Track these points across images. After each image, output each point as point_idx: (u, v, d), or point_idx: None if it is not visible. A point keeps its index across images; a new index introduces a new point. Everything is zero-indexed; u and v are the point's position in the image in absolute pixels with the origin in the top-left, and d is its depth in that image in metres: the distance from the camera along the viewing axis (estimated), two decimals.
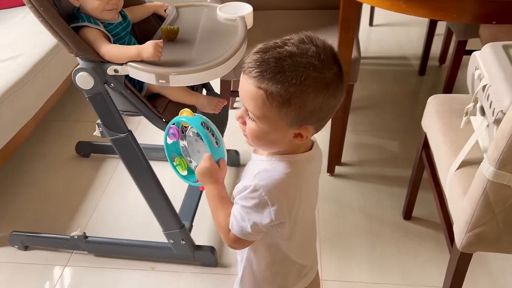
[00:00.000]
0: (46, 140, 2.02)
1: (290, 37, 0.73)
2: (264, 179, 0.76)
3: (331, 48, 0.72)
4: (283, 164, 0.77)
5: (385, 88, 2.36)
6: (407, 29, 2.87)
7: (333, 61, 0.71)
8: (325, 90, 0.70)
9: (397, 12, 1.24)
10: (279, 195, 0.76)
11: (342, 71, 0.73)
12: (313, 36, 0.72)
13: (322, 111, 0.72)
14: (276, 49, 0.71)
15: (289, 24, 1.75)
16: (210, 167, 0.83)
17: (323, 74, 0.69)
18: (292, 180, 0.77)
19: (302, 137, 0.74)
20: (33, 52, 1.79)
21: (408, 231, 1.57)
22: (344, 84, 0.73)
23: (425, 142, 1.40)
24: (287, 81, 0.68)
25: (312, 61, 0.69)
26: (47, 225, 1.60)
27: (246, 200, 0.77)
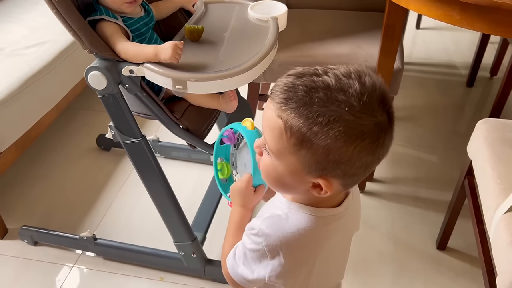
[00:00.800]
0: (68, 128, 1.97)
1: (335, 66, 0.60)
2: (271, 227, 0.64)
3: (382, 91, 0.58)
4: (300, 216, 0.65)
5: (427, 98, 2.19)
6: (457, 35, 2.66)
7: (379, 106, 0.57)
8: (358, 141, 0.56)
9: (450, 24, 1.09)
10: (283, 252, 0.64)
11: (391, 122, 0.59)
12: (363, 71, 0.59)
13: (351, 165, 0.58)
14: (312, 77, 0.58)
15: (329, 25, 1.61)
16: (244, 188, 0.75)
17: (360, 120, 0.56)
18: (306, 239, 0.64)
19: (321, 190, 0.61)
20: (60, 39, 1.74)
21: (440, 263, 1.43)
22: (390, 139, 0.59)
23: (469, 169, 1.25)
24: (312, 117, 0.56)
25: (351, 100, 0.56)
26: (59, 221, 1.55)
27: (248, 239, 0.67)
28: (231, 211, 0.78)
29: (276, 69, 1.46)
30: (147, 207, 1.55)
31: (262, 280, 0.67)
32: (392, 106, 0.60)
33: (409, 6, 1.16)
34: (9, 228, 1.53)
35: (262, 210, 0.73)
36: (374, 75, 0.59)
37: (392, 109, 0.59)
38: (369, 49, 1.45)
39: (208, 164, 1.76)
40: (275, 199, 0.71)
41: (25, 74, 1.56)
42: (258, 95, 1.62)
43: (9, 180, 1.72)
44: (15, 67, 1.58)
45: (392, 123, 0.59)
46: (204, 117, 1.22)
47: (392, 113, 0.59)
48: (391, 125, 0.59)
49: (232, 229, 0.76)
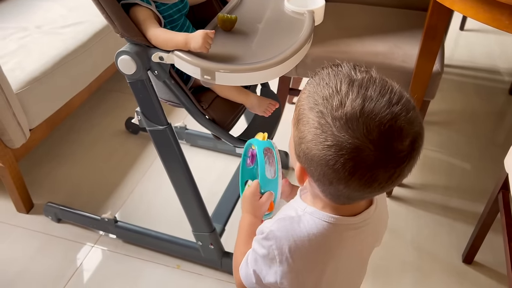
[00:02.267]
0: (98, 110, 1.99)
1: (375, 76, 0.56)
2: (281, 230, 0.62)
3: (403, 128, 0.52)
4: (312, 221, 0.62)
5: (466, 103, 2.10)
6: (503, 39, 2.54)
7: (387, 139, 0.51)
8: (326, 148, 0.53)
9: (498, 28, 1.03)
10: (292, 256, 0.61)
11: (390, 161, 0.53)
12: (404, 98, 0.54)
13: (316, 168, 0.56)
14: (350, 70, 0.57)
15: (366, 21, 1.56)
16: (250, 195, 0.74)
17: (342, 132, 0.52)
18: (316, 245, 0.62)
19: (303, 178, 0.61)
20: (96, 20, 1.75)
21: (465, 277, 1.37)
22: (373, 177, 0.53)
23: (505, 183, 1.19)
24: (313, 100, 0.56)
25: (353, 109, 0.52)
26: (83, 201, 1.57)
27: (258, 245, 0.65)
28: (241, 218, 0.76)
29: (310, 64, 1.43)
30: (169, 194, 1.55)
31: (274, 286, 0.65)
32: (411, 150, 0.53)
33: (454, 7, 1.10)
34: (35, 204, 1.56)
35: (279, 212, 0.70)
36: (413, 112, 0.54)
37: (405, 153, 0.53)
38: (408, 49, 1.39)
39: (233, 155, 1.74)
40: (293, 201, 0.69)
41: (60, 53, 1.58)
42: (288, 89, 1.58)
43: (38, 157, 1.75)
44: (51, 45, 1.60)
45: (393, 163, 0.53)
46: (231, 110, 1.20)
47: (404, 155, 0.53)
48: (387, 164, 0.53)
49: (242, 237, 0.74)
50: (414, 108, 0.54)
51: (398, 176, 0.54)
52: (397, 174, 0.54)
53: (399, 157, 0.53)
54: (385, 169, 0.53)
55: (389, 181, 0.54)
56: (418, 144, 0.54)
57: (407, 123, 0.52)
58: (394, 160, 0.53)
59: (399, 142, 0.52)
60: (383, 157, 0.52)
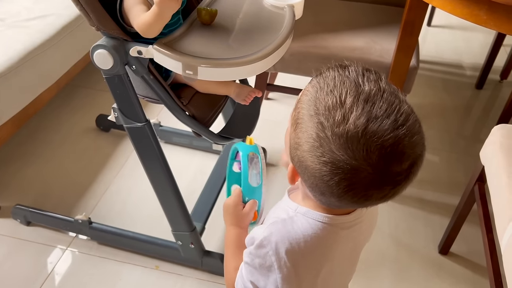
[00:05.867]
0: (68, 107, 1.92)
1: (383, 87, 0.53)
2: (276, 234, 0.60)
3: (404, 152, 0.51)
4: (305, 222, 0.60)
5: (435, 98, 2.15)
6: (468, 35, 2.61)
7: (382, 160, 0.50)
8: (322, 164, 0.51)
9: (476, 24, 1.04)
10: (290, 259, 0.59)
11: (386, 183, 0.52)
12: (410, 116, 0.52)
13: (310, 177, 0.55)
14: (358, 77, 0.53)
15: (344, 17, 1.56)
16: (232, 206, 0.70)
17: (340, 150, 0.50)
18: (312, 246, 0.60)
19: (294, 179, 0.60)
20: (64, 13, 1.67)
21: (442, 268, 1.40)
22: (368, 197, 0.53)
23: (480, 175, 1.22)
24: (314, 105, 0.53)
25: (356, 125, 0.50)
26: (54, 202, 1.51)
27: (250, 258, 0.62)
28: (226, 233, 0.73)
29: (288, 59, 1.42)
30: (145, 192, 1.52)
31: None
32: (409, 173, 0.52)
33: (432, 2, 1.11)
34: (2, 206, 1.48)
35: (267, 216, 0.69)
36: (417, 136, 0.52)
37: (403, 176, 0.52)
38: (385, 44, 1.40)
39: (209, 152, 1.72)
40: (283, 202, 0.67)
41: (26, 47, 1.50)
42: (266, 84, 1.57)
43: (4, 157, 1.67)
44: (15, 39, 1.52)
45: (390, 185, 0.52)
46: (211, 105, 1.17)
47: (401, 178, 0.52)
48: (383, 186, 0.52)
49: (231, 250, 0.71)
50: (419, 130, 0.53)
51: (392, 195, 0.54)
52: (391, 194, 0.54)
53: (396, 180, 0.52)
54: (379, 190, 0.52)
55: (382, 199, 0.54)
56: (417, 167, 0.53)
57: (410, 147, 0.51)
58: (390, 182, 0.52)
59: (398, 165, 0.51)
60: (379, 180, 0.51)
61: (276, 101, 2.01)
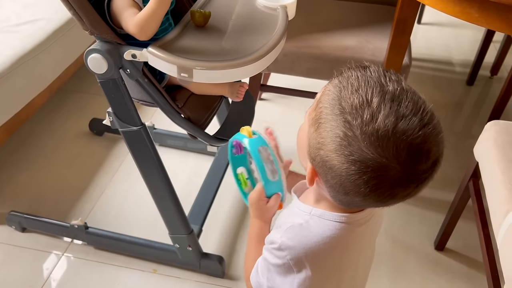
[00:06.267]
0: (60, 111, 1.90)
1: (406, 88, 0.54)
2: (294, 239, 0.60)
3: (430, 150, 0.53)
4: (322, 224, 0.61)
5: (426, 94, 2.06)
6: (458, 32, 2.64)
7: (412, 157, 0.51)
8: (350, 163, 0.51)
9: (467, 21, 1.05)
10: (310, 263, 0.60)
11: (413, 181, 0.53)
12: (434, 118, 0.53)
13: (334, 177, 0.54)
14: (380, 78, 0.53)
15: (336, 16, 1.57)
16: (256, 200, 0.70)
17: (371, 148, 0.50)
18: (332, 247, 0.61)
19: (313, 179, 0.59)
20: (54, 17, 1.66)
21: (438, 264, 1.41)
22: (394, 194, 0.54)
23: (474, 171, 1.23)
24: (338, 105, 0.52)
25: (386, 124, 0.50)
26: (49, 208, 1.49)
27: (270, 254, 0.62)
28: (250, 224, 0.74)
29: (281, 59, 1.42)
30: (141, 195, 1.52)
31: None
32: (432, 171, 0.54)
33: (424, 1, 1.12)
34: None
35: (280, 219, 0.69)
36: (442, 135, 0.54)
37: (427, 174, 0.53)
38: (377, 43, 1.41)
39: (204, 154, 1.71)
40: (294, 206, 0.67)
41: (17, 53, 1.48)
42: (260, 85, 1.57)
43: None
44: (6, 44, 1.50)
45: (414, 183, 0.53)
46: (206, 107, 1.17)
47: (425, 176, 0.53)
48: (409, 184, 0.53)
49: (252, 243, 0.72)
50: (441, 129, 0.54)
51: (414, 194, 0.55)
52: (413, 193, 0.55)
53: (421, 178, 0.53)
54: (405, 188, 0.53)
55: (405, 198, 0.55)
56: (439, 165, 0.55)
57: (435, 145, 0.53)
58: (416, 180, 0.53)
59: (424, 163, 0.52)
60: (406, 178, 0.52)
61: (269, 101, 2.01)
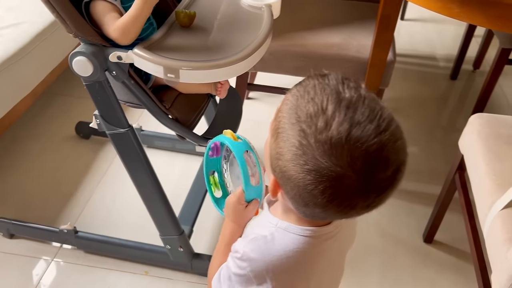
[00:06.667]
0: (45, 115, 1.88)
1: (364, 95, 0.52)
2: (256, 251, 0.59)
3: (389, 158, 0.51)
4: (287, 237, 0.59)
5: (412, 90, 2.19)
6: (440, 27, 2.67)
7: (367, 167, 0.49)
8: (305, 172, 0.50)
9: (448, 17, 1.07)
10: (270, 277, 0.58)
11: (371, 192, 0.51)
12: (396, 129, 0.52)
13: (293, 188, 0.53)
14: (338, 86, 0.52)
15: (320, 14, 1.58)
16: (235, 203, 0.69)
17: (325, 157, 0.49)
18: (295, 262, 0.59)
19: (276, 191, 0.57)
20: (38, 20, 1.64)
21: (427, 256, 1.43)
22: (353, 207, 0.52)
23: (460, 163, 1.25)
24: (295, 114, 0.52)
25: (339, 131, 0.49)
26: (36, 213, 1.48)
27: (233, 263, 0.61)
28: (223, 225, 0.73)
29: (267, 58, 1.42)
30: (130, 198, 1.51)
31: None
32: (393, 180, 0.52)
33: None
34: None
35: (248, 228, 0.68)
36: (400, 141, 0.52)
37: (387, 182, 0.51)
38: (362, 40, 1.42)
39: (193, 154, 1.71)
40: (263, 217, 0.66)
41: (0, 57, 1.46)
42: (246, 84, 1.58)
43: None
44: None
45: (374, 192, 0.51)
46: (193, 107, 1.17)
47: (386, 185, 0.51)
48: (367, 194, 0.51)
49: (222, 246, 0.70)
50: (401, 135, 0.52)
51: (377, 204, 0.53)
52: (375, 203, 0.53)
53: (380, 187, 0.51)
54: (364, 198, 0.52)
55: (367, 208, 0.53)
56: (401, 174, 0.53)
57: (393, 152, 0.51)
58: (375, 189, 0.51)
59: (383, 172, 0.50)
60: (364, 187, 0.50)
61: (257, 100, 2.01)
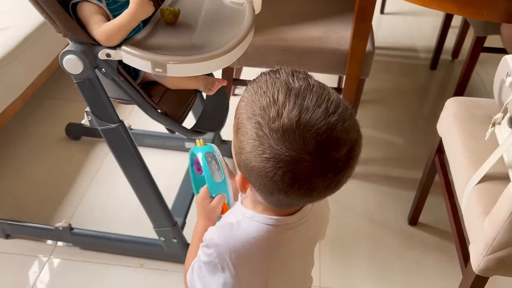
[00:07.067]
0: (35, 118, 1.90)
1: (312, 83, 0.56)
2: (221, 237, 0.62)
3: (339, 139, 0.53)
4: (251, 225, 0.62)
5: (393, 81, 2.25)
6: (419, 20, 2.75)
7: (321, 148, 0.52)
8: (264, 160, 0.53)
9: (422, 6, 1.13)
10: (233, 263, 0.62)
11: (326, 170, 0.53)
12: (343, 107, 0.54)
13: (256, 179, 0.56)
14: (288, 77, 0.56)
15: (300, 9, 1.63)
16: (201, 200, 0.74)
17: (280, 143, 0.52)
18: (256, 248, 0.62)
19: (245, 187, 0.60)
20: (25, 24, 1.66)
21: (412, 238, 1.49)
22: (310, 187, 0.54)
23: (439, 146, 1.31)
24: (251, 108, 0.55)
25: (290, 118, 0.52)
26: (31, 213, 1.50)
27: (201, 252, 0.65)
28: (196, 224, 0.76)
29: (250, 53, 1.47)
30: (123, 195, 1.55)
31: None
32: (348, 159, 0.54)
33: None
34: None
35: (221, 219, 0.72)
36: (349, 121, 0.55)
37: (342, 162, 0.54)
38: (341, 32, 1.47)
39: (182, 151, 1.75)
40: (234, 208, 0.70)
41: None
42: (232, 79, 1.62)
43: None
44: None
45: (331, 172, 0.53)
46: (181, 102, 1.21)
47: (341, 164, 0.53)
48: (325, 174, 0.53)
49: (195, 242, 0.73)
50: (351, 116, 0.55)
51: (337, 184, 0.56)
52: (335, 183, 0.55)
53: (336, 166, 0.53)
54: (323, 179, 0.54)
55: (327, 189, 0.55)
56: (355, 153, 0.55)
57: (344, 132, 0.53)
58: (331, 169, 0.53)
59: (336, 151, 0.53)
60: (320, 167, 0.52)
61: None
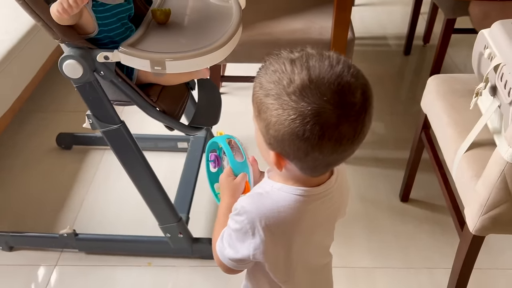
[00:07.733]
0: (24, 132, 1.90)
1: (311, 51, 0.61)
2: (253, 204, 0.67)
3: (348, 82, 0.58)
4: (280, 195, 0.67)
5: (370, 69, 2.30)
6: (389, 9, 2.85)
7: (336, 95, 0.56)
8: (291, 122, 0.57)
9: None
10: (263, 228, 0.66)
11: (348, 117, 0.57)
12: (346, 62, 0.59)
13: (289, 146, 0.59)
14: (283, 53, 0.61)
15: (281, 3, 1.68)
16: (225, 177, 0.78)
17: (299, 102, 0.56)
18: (284, 216, 0.66)
19: (281, 164, 0.63)
20: (5, 38, 1.67)
21: (405, 214, 1.56)
22: (340, 135, 0.58)
23: (424, 122, 1.38)
24: (264, 88, 0.60)
25: (302, 78, 0.57)
26: (32, 224, 1.51)
27: (232, 221, 0.69)
28: (219, 203, 0.80)
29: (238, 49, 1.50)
30: (122, 197, 1.57)
31: (247, 260, 0.69)
32: (364, 100, 0.59)
33: None
34: None
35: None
36: (353, 68, 0.59)
37: (360, 104, 0.58)
38: (322, 23, 1.54)
39: (175, 151, 1.78)
40: (262, 182, 0.74)
41: None
42: (220, 76, 1.66)
43: None
44: None
45: (353, 115, 0.58)
46: (177, 99, 1.25)
47: (360, 106, 0.58)
48: (348, 118, 0.57)
49: (221, 217, 0.77)
50: (352, 65, 0.60)
51: (362, 127, 0.59)
52: (360, 126, 0.59)
53: (356, 110, 0.58)
54: (348, 123, 0.58)
55: (355, 134, 0.59)
56: (369, 94, 0.60)
57: (352, 77, 0.58)
58: (353, 112, 0.58)
59: (351, 95, 0.57)
60: (342, 113, 0.57)
61: (228, 94, 2.10)
